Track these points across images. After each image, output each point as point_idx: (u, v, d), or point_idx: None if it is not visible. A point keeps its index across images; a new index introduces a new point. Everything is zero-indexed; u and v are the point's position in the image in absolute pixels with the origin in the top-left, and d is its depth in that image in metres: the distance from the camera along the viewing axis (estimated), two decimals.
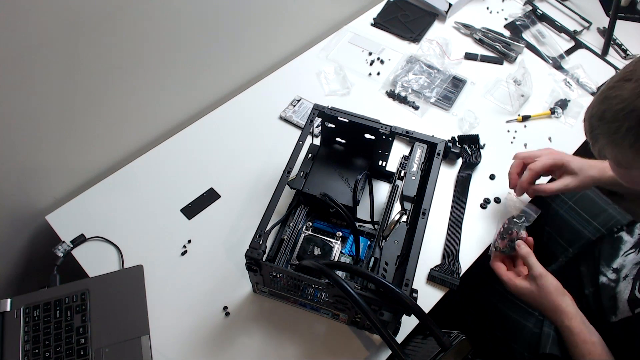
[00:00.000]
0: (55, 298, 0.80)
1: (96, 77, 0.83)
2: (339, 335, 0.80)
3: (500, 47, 1.22)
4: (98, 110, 0.88)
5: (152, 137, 1.04)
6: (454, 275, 0.85)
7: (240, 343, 0.79)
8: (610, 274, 0.81)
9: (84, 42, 0.77)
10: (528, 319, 0.89)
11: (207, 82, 1.07)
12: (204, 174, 0.97)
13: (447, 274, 0.85)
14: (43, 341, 0.76)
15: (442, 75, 1.15)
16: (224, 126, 1.05)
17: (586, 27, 1.30)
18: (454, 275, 0.85)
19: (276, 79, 1.14)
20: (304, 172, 0.86)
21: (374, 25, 1.27)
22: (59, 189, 0.94)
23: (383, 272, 0.68)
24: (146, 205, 0.93)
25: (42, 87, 0.77)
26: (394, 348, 0.65)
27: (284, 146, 0.96)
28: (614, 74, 0.59)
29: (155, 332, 0.79)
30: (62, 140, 0.87)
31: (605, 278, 0.82)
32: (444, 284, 0.84)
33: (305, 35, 1.22)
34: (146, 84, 0.93)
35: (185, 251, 0.88)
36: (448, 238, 0.90)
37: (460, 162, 1.02)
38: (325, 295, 0.75)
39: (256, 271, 0.72)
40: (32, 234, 0.94)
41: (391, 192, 0.87)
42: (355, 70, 1.17)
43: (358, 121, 0.84)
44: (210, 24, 0.95)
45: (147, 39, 0.86)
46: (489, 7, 1.34)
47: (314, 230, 0.85)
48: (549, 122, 1.10)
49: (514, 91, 1.12)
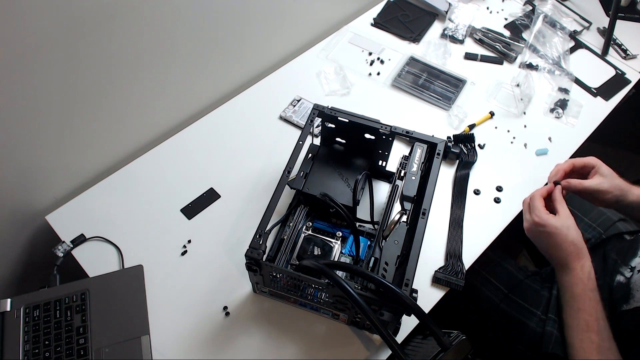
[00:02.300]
0: (55, 298, 0.80)
1: (96, 77, 0.83)
2: (339, 335, 0.80)
3: (500, 47, 1.22)
4: (98, 110, 0.88)
5: (152, 137, 1.04)
6: (458, 276, 0.85)
7: (240, 343, 0.79)
8: (627, 273, 0.82)
9: (84, 42, 0.77)
10: (531, 318, 0.89)
11: (207, 82, 1.07)
12: (204, 174, 0.97)
13: (451, 275, 0.85)
14: (43, 341, 0.76)
15: (441, 75, 1.16)
16: (224, 126, 1.05)
17: (586, 27, 1.30)
18: (458, 276, 0.84)
19: (276, 79, 1.14)
20: (304, 172, 0.86)
21: (374, 25, 1.27)
22: (59, 189, 0.94)
23: (383, 272, 0.68)
24: (146, 205, 0.93)
25: (42, 88, 0.77)
26: (394, 348, 0.65)
27: (284, 146, 0.96)
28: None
29: (155, 332, 0.79)
30: (62, 140, 0.87)
31: (622, 277, 0.82)
32: (449, 285, 0.84)
33: (305, 35, 1.22)
34: (146, 84, 0.93)
35: (185, 251, 0.88)
36: (450, 239, 0.90)
37: (456, 161, 1.02)
38: (325, 295, 0.75)
39: (256, 271, 0.72)
40: (32, 234, 0.94)
41: (391, 192, 0.87)
42: (355, 70, 1.17)
43: (358, 121, 0.84)
44: (210, 24, 0.95)
45: (147, 39, 0.86)
46: (489, 7, 1.34)
47: (314, 230, 0.85)
48: (549, 122, 1.10)
49: (518, 93, 1.12)
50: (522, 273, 0.97)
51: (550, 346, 0.83)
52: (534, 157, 1.04)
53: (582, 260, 0.74)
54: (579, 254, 0.74)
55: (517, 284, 0.94)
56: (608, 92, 1.16)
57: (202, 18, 0.93)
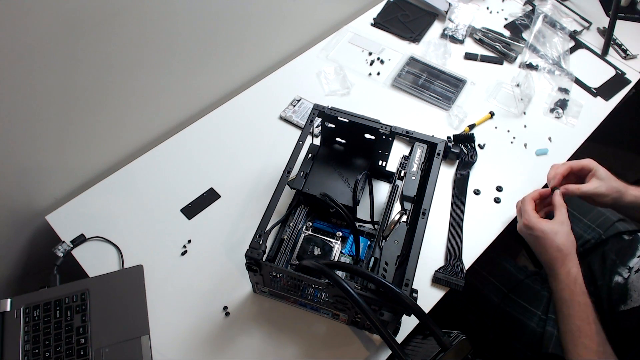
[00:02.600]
0: (55, 298, 0.80)
1: (96, 77, 0.83)
2: (339, 335, 0.80)
3: (500, 47, 1.22)
4: (98, 110, 0.88)
5: (152, 137, 1.04)
6: (458, 276, 0.85)
7: (240, 343, 0.79)
8: (625, 273, 0.82)
9: (84, 42, 0.77)
10: (531, 318, 0.89)
11: (207, 82, 1.07)
12: (204, 174, 0.97)
13: (451, 275, 0.85)
14: (43, 341, 0.76)
15: (441, 75, 1.16)
16: (224, 126, 1.05)
17: (586, 27, 1.30)
18: (458, 276, 0.84)
19: (276, 79, 1.14)
20: (304, 172, 0.86)
21: (374, 25, 1.27)
22: (59, 189, 0.94)
23: (383, 272, 0.68)
24: (146, 205, 0.93)
25: (42, 87, 0.77)
26: (394, 348, 0.65)
27: (284, 146, 0.96)
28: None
29: (155, 332, 0.79)
30: (62, 140, 0.87)
31: (621, 277, 0.83)
32: (449, 285, 0.84)
33: (305, 35, 1.22)
34: (146, 84, 0.93)
35: (185, 251, 0.88)
36: (450, 239, 0.90)
37: (456, 161, 1.02)
38: (325, 295, 0.75)
39: (256, 271, 0.72)
40: (32, 234, 0.94)
41: (391, 192, 0.87)
42: (355, 70, 1.17)
43: (358, 121, 0.84)
44: (210, 24, 0.95)
45: (147, 38, 0.86)
46: (489, 7, 1.34)
47: (314, 230, 0.85)
48: (549, 122, 1.10)
49: (518, 93, 1.12)
50: (522, 273, 0.97)
51: (550, 346, 0.83)
52: (534, 157, 1.04)
53: (568, 266, 0.74)
54: (564, 260, 0.74)
55: (517, 284, 0.94)
56: (608, 92, 1.16)
57: (202, 18, 0.93)
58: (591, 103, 1.14)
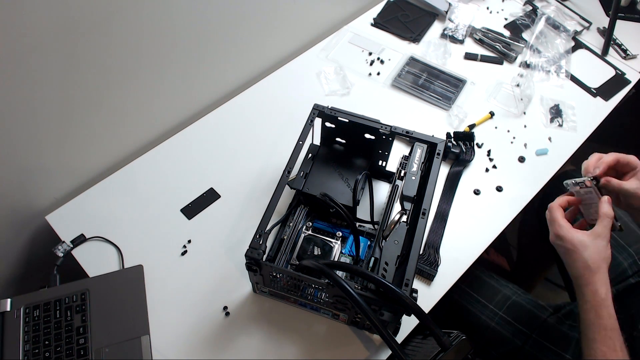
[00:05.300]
0: (55, 298, 0.80)
1: (96, 77, 0.83)
2: (339, 335, 0.80)
3: (500, 47, 1.22)
4: (98, 110, 0.88)
5: (152, 137, 1.04)
6: (432, 266, 0.85)
7: (240, 343, 0.79)
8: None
9: (84, 42, 0.77)
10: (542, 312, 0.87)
11: (207, 82, 1.07)
12: (204, 174, 0.97)
13: (426, 264, 0.85)
14: (43, 341, 0.76)
15: (441, 75, 1.15)
16: (224, 126, 1.05)
17: (586, 27, 1.30)
18: (432, 267, 0.85)
19: (276, 79, 1.14)
20: (304, 172, 0.86)
21: (374, 25, 1.27)
22: (59, 189, 0.94)
23: (383, 272, 0.68)
24: (146, 205, 0.93)
25: (42, 87, 0.77)
26: (394, 348, 0.65)
27: (284, 146, 0.96)
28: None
29: (155, 332, 0.79)
30: (62, 140, 0.87)
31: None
32: (421, 274, 0.85)
33: (305, 35, 1.22)
34: (146, 84, 0.93)
35: (185, 251, 0.88)
36: (432, 230, 0.90)
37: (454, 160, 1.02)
38: (325, 295, 0.75)
39: (256, 271, 0.72)
40: (32, 234, 0.94)
41: (391, 192, 0.87)
42: (355, 70, 1.17)
43: (358, 121, 0.84)
44: (210, 24, 0.95)
45: (147, 39, 0.86)
46: (489, 7, 1.34)
47: (314, 230, 0.85)
48: (549, 122, 1.10)
49: (518, 93, 1.12)
50: (545, 312, 0.92)
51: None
52: (534, 157, 1.04)
53: (595, 286, 0.66)
54: (590, 278, 0.67)
55: (540, 324, 0.89)
56: (608, 92, 1.16)
57: (201, 18, 0.93)
58: (591, 103, 1.14)
